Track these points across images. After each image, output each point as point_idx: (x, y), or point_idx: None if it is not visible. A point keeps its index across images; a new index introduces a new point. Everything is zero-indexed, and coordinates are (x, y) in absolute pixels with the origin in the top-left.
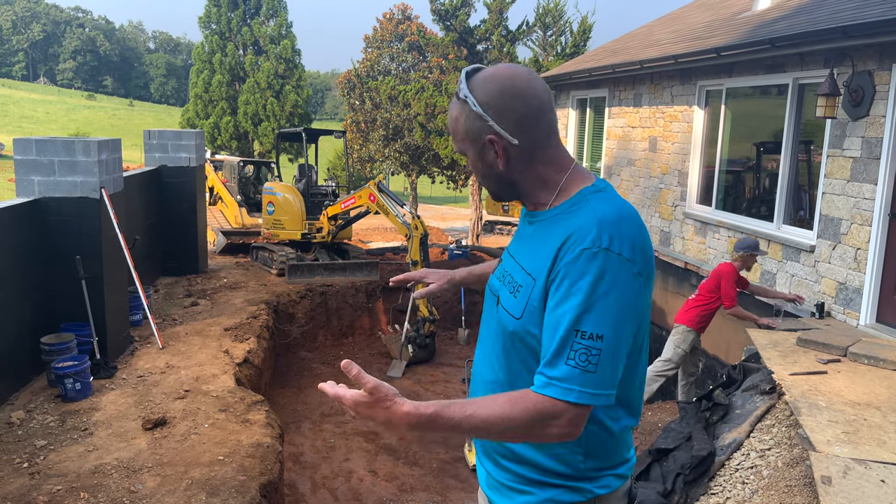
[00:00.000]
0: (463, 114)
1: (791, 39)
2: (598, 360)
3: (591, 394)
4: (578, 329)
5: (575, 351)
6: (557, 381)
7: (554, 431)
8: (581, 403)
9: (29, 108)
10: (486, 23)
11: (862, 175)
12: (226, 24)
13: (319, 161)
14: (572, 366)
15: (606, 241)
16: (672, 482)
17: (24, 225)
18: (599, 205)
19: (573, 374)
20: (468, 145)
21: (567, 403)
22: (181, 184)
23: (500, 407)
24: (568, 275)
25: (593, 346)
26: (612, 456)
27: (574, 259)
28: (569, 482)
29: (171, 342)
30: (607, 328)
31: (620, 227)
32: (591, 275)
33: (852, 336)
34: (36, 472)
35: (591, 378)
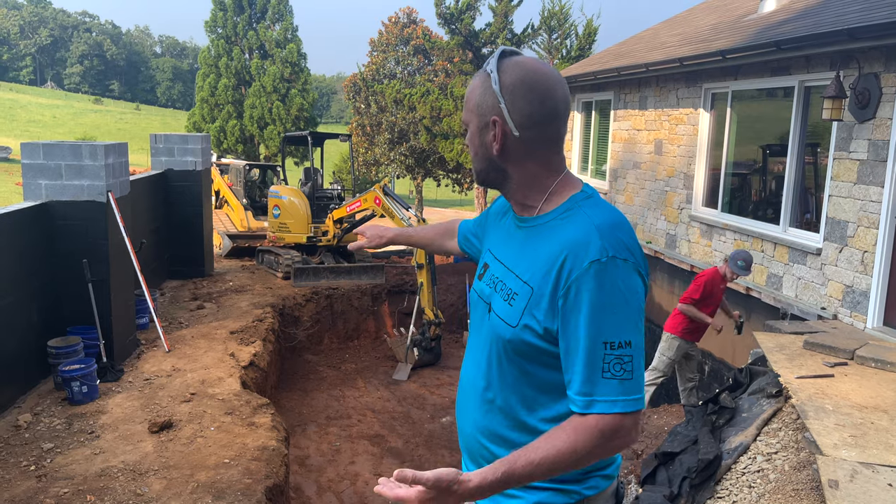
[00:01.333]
0: (481, 87)
1: (797, 42)
2: (631, 366)
3: (636, 399)
4: (606, 341)
5: (608, 363)
6: (602, 397)
7: (618, 444)
8: (631, 412)
9: (36, 112)
10: (491, 26)
11: (868, 177)
12: (232, 29)
13: (325, 164)
14: (610, 378)
15: (612, 250)
16: (678, 486)
17: (31, 228)
18: (593, 212)
19: (614, 386)
20: (473, 117)
21: (622, 415)
22: (187, 187)
23: (563, 443)
24: (581, 289)
25: (624, 353)
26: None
27: (584, 272)
28: (557, 485)
29: (178, 345)
30: (631, 333)
31: (618, 233)
32: (606, 285)
33: (859, 339)
34: (43, 474)
35: (631, 384)
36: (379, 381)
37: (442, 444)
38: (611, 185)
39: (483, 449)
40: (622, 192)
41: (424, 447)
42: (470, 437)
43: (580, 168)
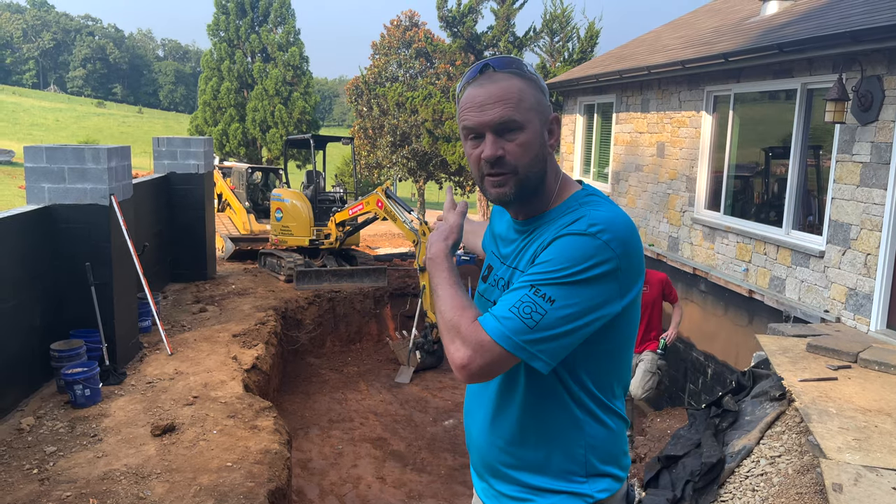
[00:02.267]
0: (528, 88)
1: (799, 44)
2: (540, 319)
3: (517, 343)
4: (534, 284)
5: (523, 302)
6: (495, 314)
7: (451, 349)
8: (500, 345)
9: (39, 115)
10: (493, 29)
11: (871, 180)
12: (234, 32)
13: (327, 167)
14: (514, 313)
15: (594, 229)
16: (681, 489)
17: (34, 232)
18: (592, 208)
19: (510, 318)
20: (534, 116)
21: (486, 338)
22: (190, 190)
23: (451, 302)
24: (547, 250)
25: (541, 305)
26: (614, 452)
27: (560, 237)
28: (572, 486)
29: (180, 348)
30: (563, 299)
31: (612, 223)
32: (568, 248)
33: (862, 342)
34: (45, 478)
35: (525, 331)
36: (381, 385)
37: (445, 448)
38: (613, 187)
39: (499, 450)
40: (624, 195)
41: (427, 450)
42: (484, 444)
43: (582, 171)
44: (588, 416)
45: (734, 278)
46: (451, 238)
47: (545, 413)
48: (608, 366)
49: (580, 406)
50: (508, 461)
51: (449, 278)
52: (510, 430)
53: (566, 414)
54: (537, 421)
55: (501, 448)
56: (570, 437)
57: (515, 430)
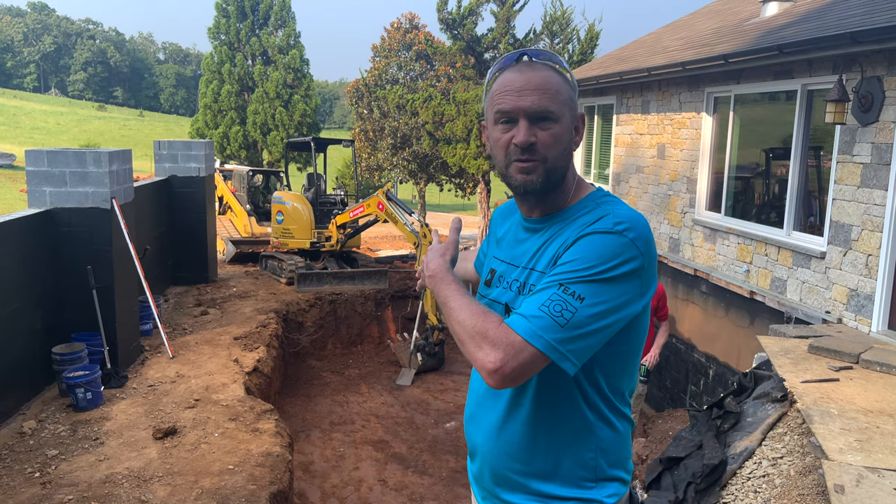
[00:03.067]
0: (563, 83)
1: (799, 46)
2: (571, 317)
3: (549, 343)
4: (563, 282)
5: (552, 301)
6: (524, 313)
7: (480, 355)
8: (533, 345)
9: (40, 119)
10: (493, 31)
11: (872, 181)
12: (234, 35)
13: (328, 170)
14: (545, 312)
15: (620, 227)
16: (683, 491)
17: (35, 235)
18: (613, 206)
19: (541, 318)
20: (566, 111)
21: (518, 339)
22: (191, 194)
23: (468, 310)
24: (573, 248)
25: (571, 303)
26: (622, 455)
27: (585, 235)
28: (581, 492)
29: (181, 351)
30: (593, 297)
31: (634, 221)
32: (595, 245)
33: (864, 343)
34: (47, 481)
35: (557, 330)
36: (382, 387)
37: (446, 450)
38: (614, 189)
39: (510, 459)
40: (625, 197)
41: (429, 452)
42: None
43: (583, 172)
44: (600, 419)
45: (735, 279)
46: (447, 254)
47: (558, 417)
48: (622, 367)
49: (593, 409)
50: (518, 468)
51: (457, 289)
52: (521, 436)
53: (579, 417)
54: (549, 425)
55: (511, 455)
56: (581, 441)
57: (526, 435)
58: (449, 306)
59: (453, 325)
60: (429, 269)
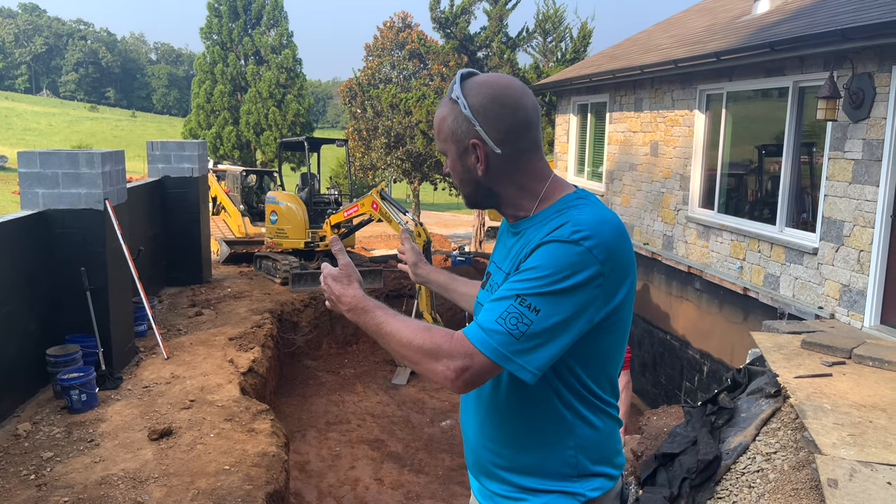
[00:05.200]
0: (451, 115)
1: (790, 43)
2: (526, 329)
3: (504, 355)
4: (519, 294)
5: (508, 313)
6: (481, 324)
7: (439, 368)
8: (488, 357)
9: (32, 120)
10: (486, 30)
11: (864, 177)
12: (227, 35)
13: (322, 169)
14: (500, 324)
15: (577, 236)
16: (678, 487)
17: (28, 237)
18: (578, 211)
19: (497, 330)
20: (450, 146)
21: (474, 350)
22: (184, 194)
23: (410, 329)
24: (532, 256)
25: (527, 315)
26: (605, 451)
27: (543, 244)
28: (564, 485)
29: (176, 352)
30: (548, 308)
31: (596, 228)
32: (551, 256)
33: (857, 338)
34: (43, 483)
35: (512, 342)
36: (378, 386)
37: (442, 448)
38: (607, 187)
39: (488, 451)
40: (619, 194)
41: (424, 451)
42: (477, 446)
43: (576, 171)
44: (577, 418)
45: (729, 276)
46: (353, 280)
47: (533, 416)
48: (598, 367)
49: (569, 408)
50: (499, 462)
51: (384, 313)
52: (499, 433)
53: (555, 417)
54: (526, 424)
55: (492, 449)
56: (559, 439)
57: (505, 432)
58: (385, 332)
59: (398, 348)
60: (344, 304)
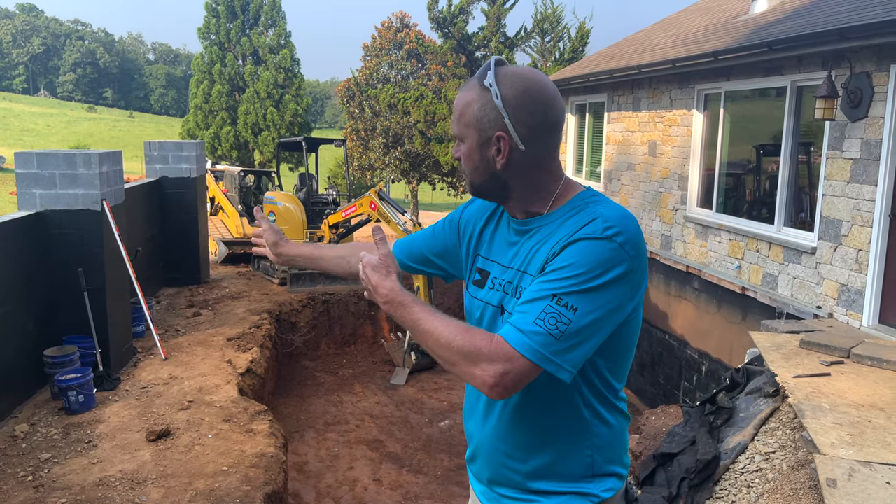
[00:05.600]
0: (479, 101)
1: (788, 42)
2: (565, 329)
3: (545, 356)
4: (555, 294)
5: (546, 314)
6: (520, 326)
7: (478, 372)
8: (529, 359)
9: (30, 121)
10: (484, 30)
11: (862, 176)
12: (225, 35)
13: (320, 170)
14: (539, 326)
15: (609, 233)
16: (677, 487)
17: (26, 238)
18: (600, 207)
19: (537, 332)
20: (471, 132)
21: (515, 354)
22: (182, 194)
23: (450, 330)
24: (563, 254)
25: (565, 314)
26: (618, 450)
27: (575, 241)
28: (578, 486)
29: (174, 353)
30: (583, 304)
31: (624, 224)
32: (585, 253)
33: (855, 337)
34: (40, 485)
35: (552, 343)
36: (376, 386)
37: (441, 449)
38: (605, 186)
39: (503, 453)
40: (617, 194)
41: (423, 451)
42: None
43: (575, 170)
44: (595, 416)
45: (727, 275)
46: (392, 271)
47: (554, 417)
48: (616, 364)
49: (588, 407)
50: (514, 465)
51: (424, 309)
52: (518, 435)
53: (575, 416)
54: (546, 424)
55: (507, 452)
56: (578, 439)
57: (524, 434)
58: (423, 329)
59: (435, 348)
60: (381, 296)
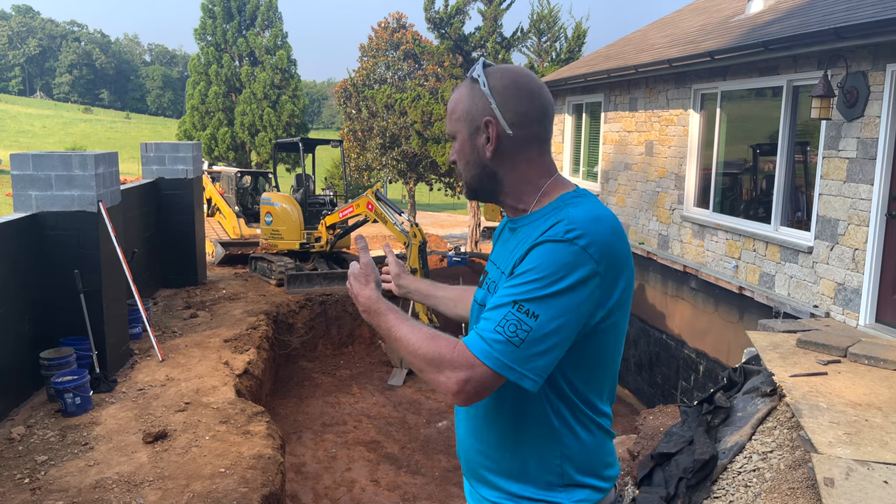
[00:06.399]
0: (468, 94)
1: (784, 42)
2: (525, 336)
3: (506, 364)
4: (517, 300)
5: (507, 321)
6: (481, 333)
7: (442, 379)
8: (490, 367)
9: (26, 122)
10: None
11: (858, 175)
12: (221, 36)
13: (317, 170)
14: (500, 332)
15: (571, 235)
16: (675, 486)
17: (22, 240)
18: (576, 208)
19: (497, 340)
20: (462, 126)
21: (476, 361)
22: (179, 196)
23: (417, 337)
24: (527, 258)
25: (525, 321)
26: (593, 463)
27: (537, 246)
28: (548, 494)
29: (171, 355)
30: (546, 313)
31: (590, 226)
32: (546, 258)
33: (852, 336)
34: (37, 487)
35: (513, 351)
36: (374, 387)
37: (438, 449)
38: (602, 186)
39: (477, 454)
40: (614, 194)
41: (421, 452)
42: (468, 448)
43: (572, 170)
44: (564, 427)
45: (724, 275)
46: (371, 280)
47: (522, 422)
48: (590, 375)
49: (558, 416)
50: (487, 465)
51: (396, 318)
52: (488, 436)
53: (543, 424)
54: (514, 429)
55: (480, 451)
56: (545, 446)
57: (493, 436)
58: (395, 336)
59: (405, 355)
60: (360, 304)
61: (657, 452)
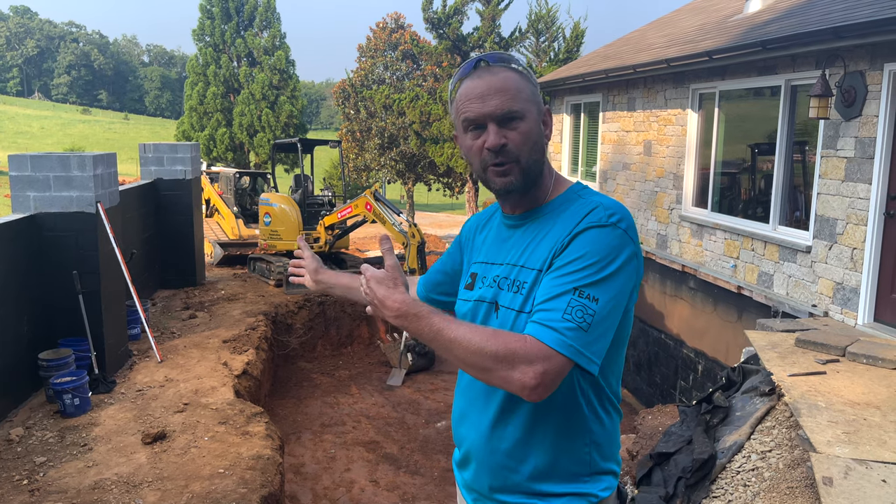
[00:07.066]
0: (521, 80)
1: (782, 41)
2: (592, 320)
3: (578, 350)
4: (578, 287)
5: (573, 308)
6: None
7: (516, 375)
8: (565, 355)
9: (24, 123)
10: (478, 30)
11: (856, 175)
12: (219, 37)
13: (315, 171)
14: (569, 320)
15: (613, 219)
16: (674, 486)
17: (20, 241)
18: (596, 197)
19: (569, 328)
20: (532, 107)
21: (551, 351)
22: (177, 196)
23: (479, 336)
24: (574, 242)
25: (590, 306)
26: (613, 447)
27: (583, 232)
28: (576, 486)
29: (170, 355)
30: (603, 293)
31: (623, 211)
32: (597, 242)
33: (850, 336)
34: (36, 488)
35: (583, 336)
36: (373, 387)
37: (438, 449)
38: (601, 186)
39: (502, 455)
40: (612, 194)
41: (420, 453)
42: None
43: (570, 170)
44: (592, 413)
45: (723, 275)
46: (399, 282)
47: (555, 412)
48: (614, 357)
49: (588, 404)
50: (514, 466)
51: (444, 317)
52: (517, 434)
53: (576, 411)
54: (546, 421)
55: (507, 453)
56: (577, 436)
57: (523, 433)
58: (447, 338)
59: (464, 356)
60: (390, 309)
61: (656, 452)
